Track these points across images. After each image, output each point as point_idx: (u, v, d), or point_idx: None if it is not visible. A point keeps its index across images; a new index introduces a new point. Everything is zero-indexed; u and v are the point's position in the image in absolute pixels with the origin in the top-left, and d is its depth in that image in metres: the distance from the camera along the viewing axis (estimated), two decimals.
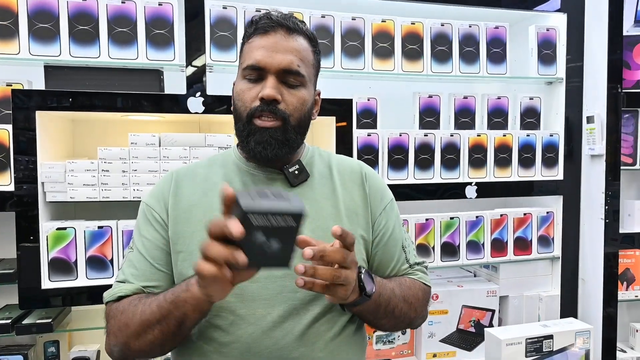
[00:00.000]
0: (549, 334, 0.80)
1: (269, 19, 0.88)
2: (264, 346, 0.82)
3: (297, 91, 0.88)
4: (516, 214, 1.85)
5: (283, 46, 0.86)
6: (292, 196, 0.64)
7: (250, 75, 0.87)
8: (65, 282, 1.42)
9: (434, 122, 1.79)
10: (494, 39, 1.82)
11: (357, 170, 0.99)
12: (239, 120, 0.89)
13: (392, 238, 0.98)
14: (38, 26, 1.41)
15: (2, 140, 1.40)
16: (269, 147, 0.86)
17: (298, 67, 0.86)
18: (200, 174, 0.95)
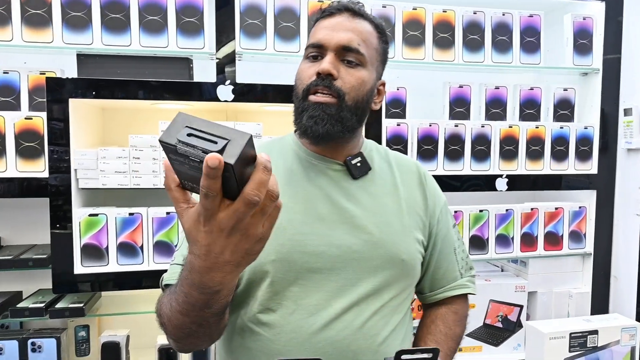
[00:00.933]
0: (594, 329, 0.78)
1: (337, 3, 0.89)
2: (323, 337, 0.82)
3: (356, 70, 0.86)
4: (547, 208, 1.80)
5: (345, 26, 0.86)
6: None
7: (310, 53, 0.87)
8: (97, 268, 1.44)
9: (464, 113, 1.76)
10: (527, 27, 1.76)
11: (415, 170, 0.99)
12: (296, 98, 0.88)
13: (447, 244, 0.99)
14: (71, 15, 1.43)
15: (37, 127, 1.42)
16: (321, 122, 0.83)
17: (358, 45, 0.85)
18: None
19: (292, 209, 0.86)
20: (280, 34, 1.55)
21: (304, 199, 0.88)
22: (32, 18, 1.40)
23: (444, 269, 0.99)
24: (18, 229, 1.72)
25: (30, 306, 1.47)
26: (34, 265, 1.51)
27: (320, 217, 0.87)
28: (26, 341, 1.46)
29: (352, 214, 0.88)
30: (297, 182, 0.89)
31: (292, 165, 0.92)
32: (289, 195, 0.87)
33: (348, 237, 0.87)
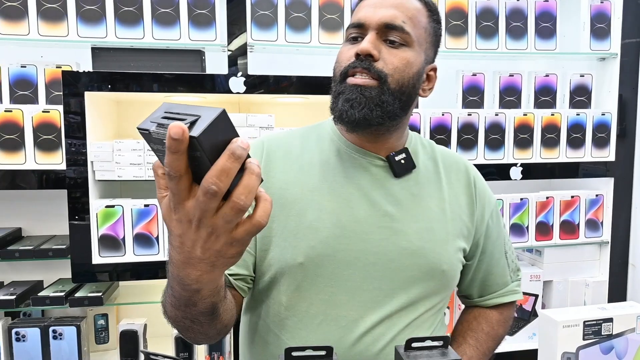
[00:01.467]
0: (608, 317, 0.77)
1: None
2: (352, 353, 0.76)
3: (400, 51, 0.76)
4: (563, 197, 1.78)
5: (389, 2, 0.77)
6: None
7: (351, 34, 0.79)
8: (114, 258, 1.47)
9: (478, 102, 1.74)
10: (543, 12, 1.73)
11: (463, 170, 0.90)
12: (334, 82, 0.80)
13: (498, 248, 0.92)
14: (85, 8, 1.44)
15: (54, 120, 1.45)
16: (358, 105, 0.74)
17: (403, 23, 0.76)
18: (295, 148, 0.85)
19: (326, 207, 0.79)
20: (291, 25, 1.54)
21: (339, 197, 0.80)
22: (47, 12, 1.43)
23: (495, 274, 0.93)
24: (38, 220, 1.76)
25: (51, 295, 1.51)
26: (53, 256, 1.55)
27: (356, 219, 0.79)
28: (47, 329, 1.51)
29: (391, 217, 0.80)
30: (333, 178, 0.81)
31: (329, 158, 0.83)
32: (323, 192, 0.80)
33: (385, 243, 0.79)
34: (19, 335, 1.49)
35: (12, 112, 1.43)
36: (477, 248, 0.90)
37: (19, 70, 1.49)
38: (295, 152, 0.84)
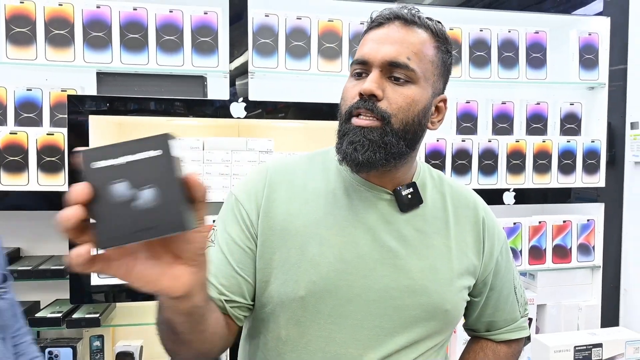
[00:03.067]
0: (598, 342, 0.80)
1: (387, 11, 0.79)
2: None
3: (405, 88, 0.75)
4: (555, 222, 1.82)
5: (393, 38, 0.75)
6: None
7: (355, 70, 0.78)
8: (113, 280, 1.48)
9: (471, 128, 1.79)
10: (533, 43, 1.80)
11: (472, 206, 0.87)
12: (340, 120, 0.79)
13: (508, 284, 0.91)
14: (92, 35, 1.49)
15: (58, 143, 1.48)
16: (361, 148, 0.73)
17: (407, 59, 0.74)
18: (299, 177, 0.84)
19: (329, 241, 0.78)
20: (291, 53, 1.60)
21: (343, 231, 0.79)
22: (55, 38, 1.47)
23: (504, 311, 0.91)
24: (36, 241, 1.77)
25: (48, 316, 1.51)
26: (51, 276, 1.56)
27: (359, 254, 0.78)
28: (44, 350, 1.50)
29: (395, 253, 0.79)
30: (338, 211, 0.80)
31: (335, 189, 0.81)
32: (327, 225, 0.79)
33: (387, 280, 0.78)
34: None
35: (17, 134, 1.46)
36: (485, 285, 0.88)
37: (24, 93, 1.53)
38: (300, 182, 0.83)
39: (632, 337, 0.82)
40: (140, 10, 1.51)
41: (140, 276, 0.48)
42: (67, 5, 1.47)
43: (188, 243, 0.48)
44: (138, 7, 1.50)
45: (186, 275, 0.50)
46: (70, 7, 1.47)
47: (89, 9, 1.48)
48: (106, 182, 0.42)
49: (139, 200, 0.42)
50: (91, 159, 0.43)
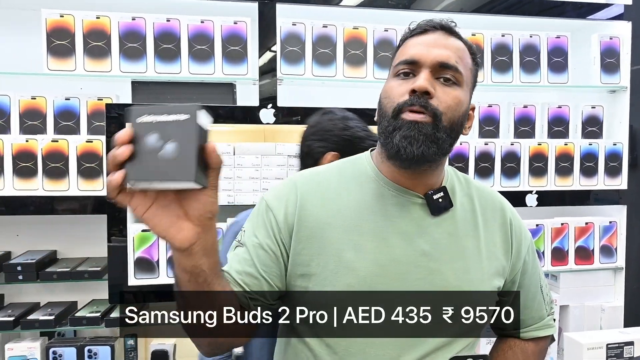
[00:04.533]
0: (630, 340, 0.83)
1: (429, 21, 0.82)
2: None
3: (453, 89, 0.79)
4: (577, 223, 1.84)
5: (441, 42, 0.79)
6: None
7: (402, 70, 0.80)
8: (149, 280, 1.54)
9: (494, 131, 1.82)
10: (555, 48, 1.82)
11: (499, 207, 0.90)
12: (384, 118, 0.80)
13: (534, 283, 0.94)
14: (127, 46, 1.55)
15: (96, 149, 1.55)
16: (416, 142, 0.75)
17: (456, 62, 0.78)
18: (331, 188, 0.86)
19: (364, 247, 0.81)
20: (318, 60, 1.65)
21: (377, 237, 0.82)
22: (93, 49, 1.54)
23: (532, 309, 0.94)
24: (72, 243, 1.84)
25: (87, 315, 1.58)
26: (89, 277, 1.62)
27: (394, 258, 0.81)
28: (83, 348, 1.57)
29: (428, 256, 0.82)
30: (372, 217, 0.83)
31: (368, 196, 0.84)
32: (362, 232, 0.82)
33: (422, 282, 0.81)
34: (56, 355, 1.56)
35: (58, 142, 1.52)
36: (514, 284, 0.91)
37: (63, 102, 1.60)
38: (332, 193, 0.85)
39: None
40: (173, 21, 1.57)
41: (153, 220, 0.58)
42: (104, 17, 1.54)
43: (197, 202, 0.58)
44: (171, 19, 1.56)
45: (190, 231, 0.59)
46: (107, 20, 1.54)
47: (124, 20, 1.54)
48: (143, 133, 0.52)
49: (163, 151, 0.52)
50: (135, 115, 0.53)
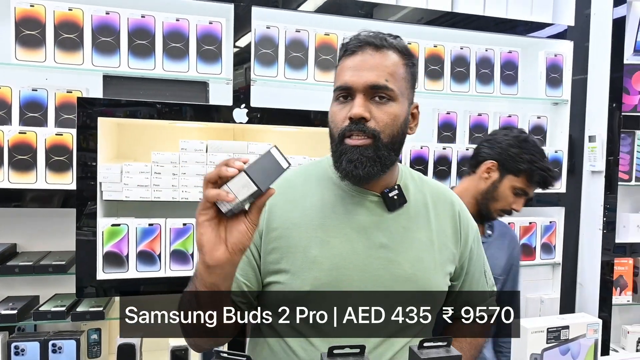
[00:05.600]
0: (566, 325, 0.97)
1: (357, 39, 0.88)
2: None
3: (388, 106, 0.86)
4: (522, 223, 2.02)
5: (370, 63, 0.85)
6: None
7: (340, 95, 0.88)
8: (118, 274, 1.55)
9: (451, 137, 1.95)
10: (507, 62, 1.99)
11: (449, 202, 1.01)
12: (333, 141, 0.90)
13: (478, 269, 1.03)
14: (100, 40, 1.55)
15: (66, 143, 1.53)
16: (361, 165, 0.85)
17: (386, 81, 0.85)
18: (297, 192, 0.94)
19: (328, 243, 0.89)
20: (290, 63, 1.71)
21: (340, 233, 0.90)
22: (64, 42, 1.52)
23: (476, 293, 1.03)
24: (32, 237, 1.80)
25: (52, 309, 1.56)
26: (53, 271, 1.61)
27: (355, 251, 0.89)
28: (47, 342, 1.56)
29: (386, 248, 0.90)
30: (335, 215, 0.91)
31: (330, 197, 0.92)
32: (326, 229, 0.89)
33: (382, 272, 0.88)
34: (18, 350, 1.54)
35: (26, 134, 1.50)
36: (462, 270, 1.01)
37: (30, 94, 1.57)
38: (298, 195, 0.94)
39: (591, 321, 1.00)
40: (148, 17, 1.58)
41: (207, 229, 0.71)
42: (77, 10, 1.53)
43: (237, 232, 0.72)
44: (146, 15, 1.57)
45: (223, 254, 0.72)
46: (80, 12, 1.53)
47: (98, 14, 1.54)
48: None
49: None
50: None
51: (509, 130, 1.44)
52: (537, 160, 1.36)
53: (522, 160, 1.36)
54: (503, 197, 1.40)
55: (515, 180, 1.39)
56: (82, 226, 1.51)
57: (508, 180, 1.39)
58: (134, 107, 1.53)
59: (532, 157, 1.36)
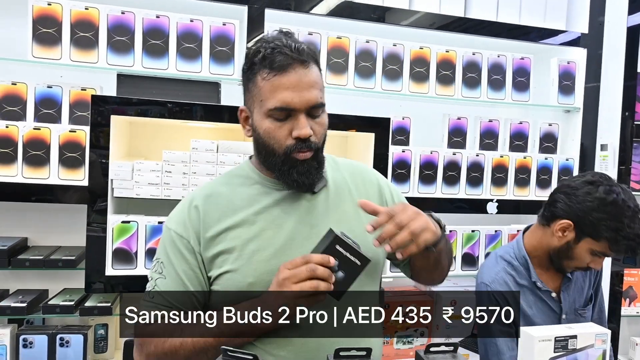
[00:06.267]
0: (574, 334, 0.96)
1: (284, 55, 0.88)
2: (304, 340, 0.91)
3: (321, 118, 0.93)
4: None
5: (305, 82, 0.89)
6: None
7: (279, 115, 0.90)
8: (126, 271, 1.57)
9: (461, 142, 1.95)
10: (519, 68, 1.98)
11: (365, 172, 1.09)
12: (273, 155, 0.92)
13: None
14: (115, 39, 1.57)
15: (80, 139, 1.55)
16: (310, 175, 0.93)
17: (321, 98, 0.91)
18: (223, 196, 0.98)
19: (263, 235, 0.94)
20: None
21: (273, 224, 0.95)
22: (80, 40, 1.55)
23: None
24: (43, 231, 1.83)
25: (61, 304, 1.58)
26: (63, 266, 1.63)
27: (291, 238, 0.94)
28: (55, 336, 1.57)
29: (316, 227, 0.95)
30: (264, 209, 0.96)
31: (257, 194, 0.98)
32: (258, 223, 0.95)
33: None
34: (27, 342, 1.56)
35: (40, 130, 1.52)
36: None
37: (45, 90, 1.60)
38: (225, 200, 0.97)
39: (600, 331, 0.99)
40: (163, 18, 1.60)
41: (297, 301, 0.82)
42: (93, 9, 1.55)
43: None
44: (161, 15, 1.59)
45: None
46: (95, 11, 1.55)
47: (114, 14, 1.56)
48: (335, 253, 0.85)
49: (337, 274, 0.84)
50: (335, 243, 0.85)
51: (593, 187, 1.23)
52: (623, 228, 1.19)
53: (606, 228, 1.20)
54: (579, 258, 1.28)
55: (595, 245, 1.25)
56: (93, 222, 1.53)
57: (586, 242, 1.25)
58: (147, 106, 1.55)
59: (618, 226, 1.19)
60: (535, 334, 0.94)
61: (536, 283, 1.36)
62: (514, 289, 1.32)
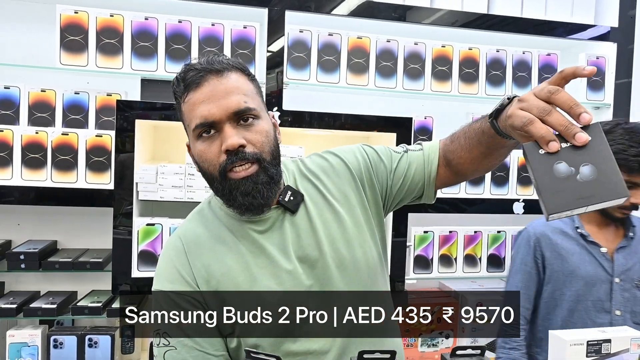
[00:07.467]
0: (607, 338, 0.92)
1: (195, 69, 0.82)
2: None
3: (256, 126, 0.82)
4: None
5: (221, 90, 0.80)
6: None
7: (203, 133, 0.82)
8: (151, 273, 1.59)
9: None
10: (545, 65, 1.93)
11: (333, 162, 0.96)
12: (214, 181, 0.84)
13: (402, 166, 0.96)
14: (139, 44, 1.60)
15: (105, 144, 1.59)
16: (258, 193, 0.82)
17: (245, 103, 0.81)
18: (203, 236, 0.90)
19: (256, 273, 0.86)
20: (322, 67, 1.72)
21: (260, 257, 0.87)
22: (105, 46, 1.58)
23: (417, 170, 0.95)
24: (72, 234, 1.87)
25: (89, 305, 1.61)
26: (90, 268, 1.66)
27: (286, 271, 0.86)
28: (84, 337, 1.61)
29: (305, 251, 0.88)
30: (246, 245, 0.88)
31: (234, 232, 0.89)
32: (247, 262, 0.87)
33: (312, 282, 0.87)
34: (57, 342, 1.59)
35: (67, 135, 1.56)
36: (392, 183, 0.95)
37: (72, 97, 1.64)
38: (205, 239, 0.89)
39: (636, 335, 0.94)
40: (185, 22, 1.62)
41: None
42: (118, 16, 1.58)
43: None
44: (183, 20, 1.61)
45: None
46: (120, 18, 1.58)
47: (137, 20, 1.59)
48: (549, 163, 0.59)
49: (580, 175, 0.57)
50: (537, 148, 0.61)
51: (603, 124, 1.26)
52: (626, 148, 1.21)
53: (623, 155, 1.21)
54: None
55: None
56: (119, 225, 1.56)
57: None
58: (170, 110, 1.57)
59: (618, 147, 1.21)
60: (566, 337, 0.90)
61: (581, 232, 1.33)
62: (552, 235, 1.35)
